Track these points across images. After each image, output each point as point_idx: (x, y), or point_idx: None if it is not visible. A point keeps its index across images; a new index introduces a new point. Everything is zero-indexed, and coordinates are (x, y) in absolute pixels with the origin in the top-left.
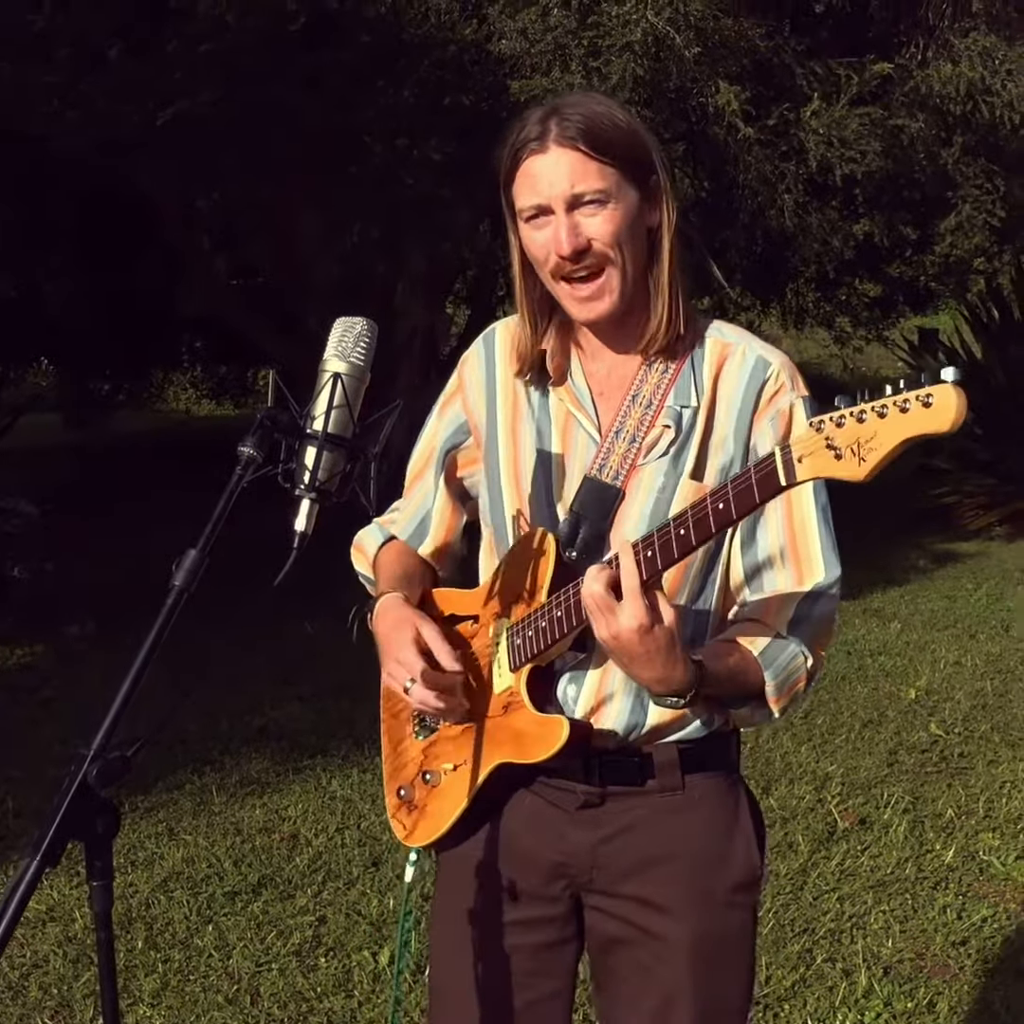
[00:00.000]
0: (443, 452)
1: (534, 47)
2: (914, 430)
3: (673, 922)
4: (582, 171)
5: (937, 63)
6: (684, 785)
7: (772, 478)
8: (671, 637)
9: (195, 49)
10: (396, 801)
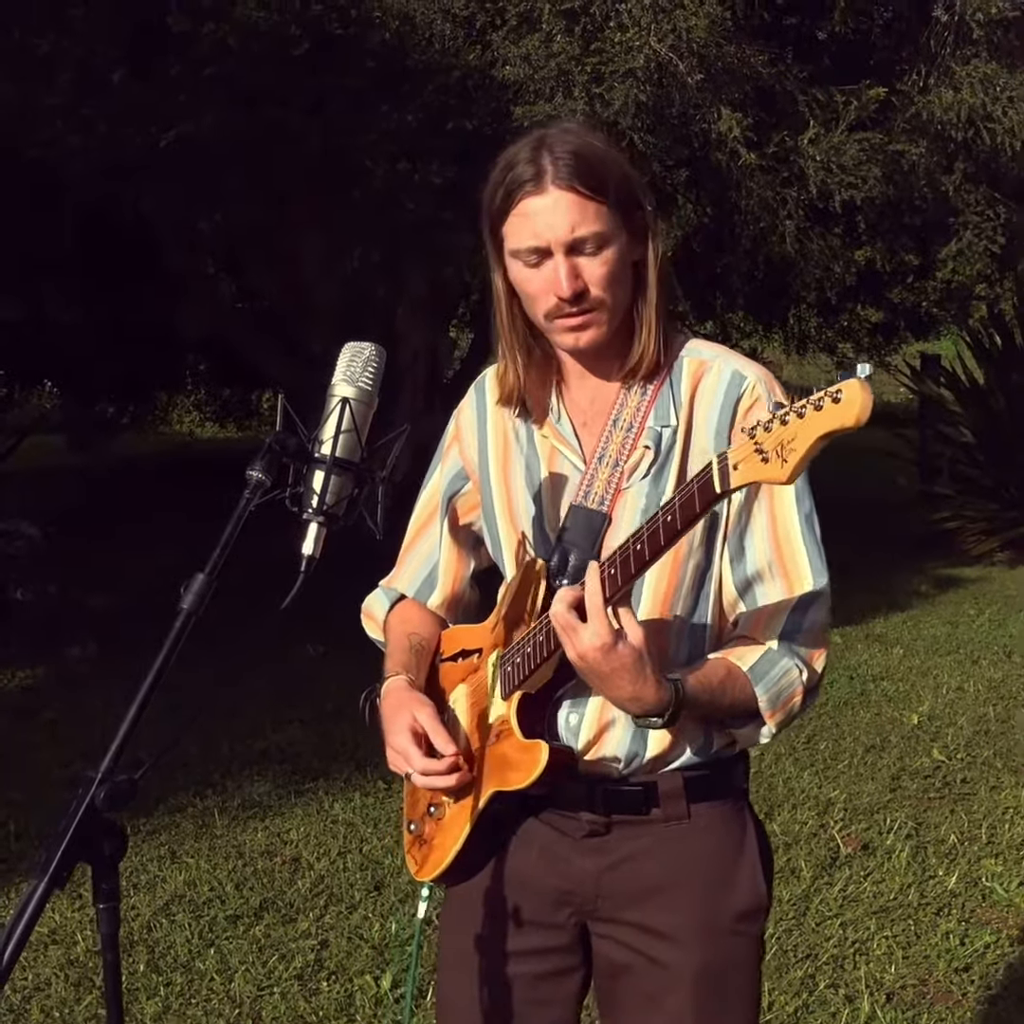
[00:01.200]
0: (446, 500)
1: (537, 73)
2: (825, 427)
3: (678, 950)
4: (581, 214)
5: (938, 90)
6: (689, 814)
7: (709, 486)
8: (638, 655)
9: (198, 73)
10: (410, 837)
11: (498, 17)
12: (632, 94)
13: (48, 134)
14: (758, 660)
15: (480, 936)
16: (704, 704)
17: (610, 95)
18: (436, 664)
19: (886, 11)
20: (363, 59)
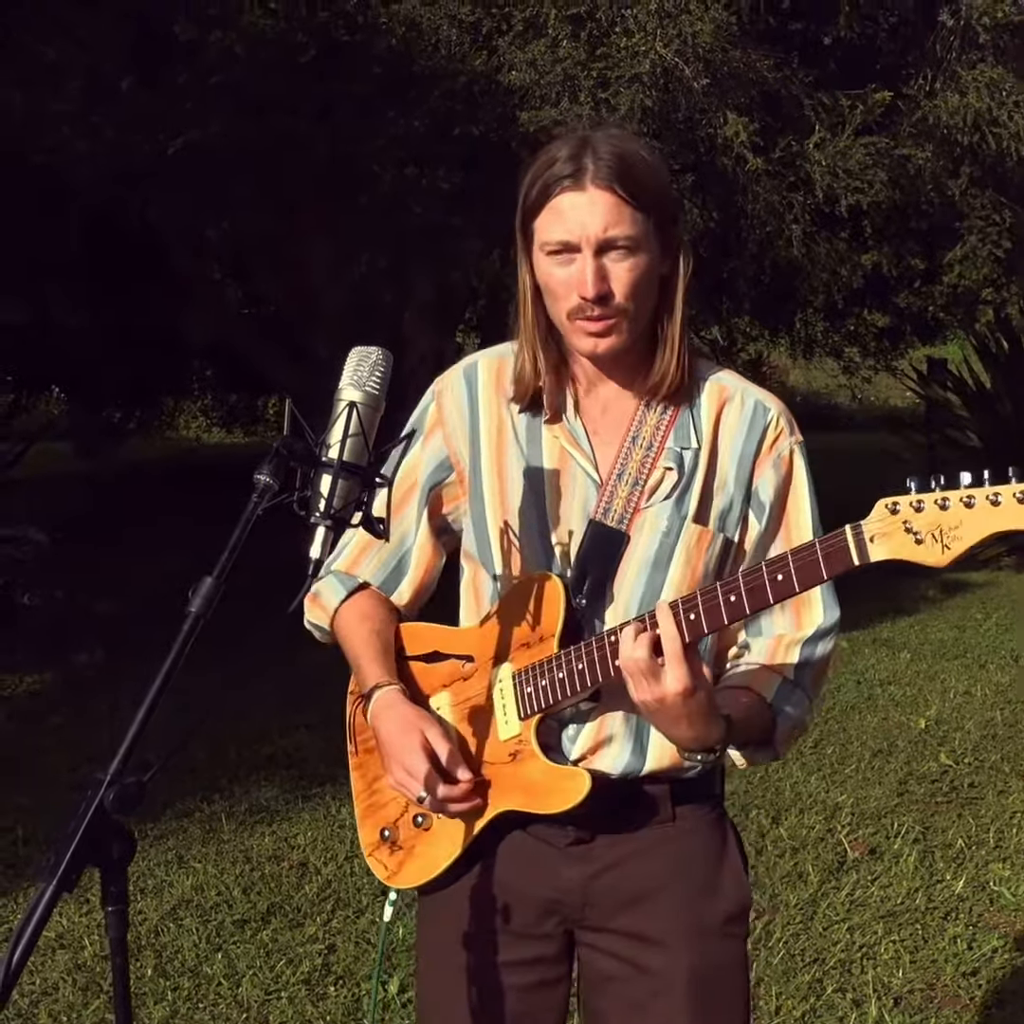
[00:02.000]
0: (427, 488)
1: (543, 78)
2: (1007, 525)
3: (667, 955)
4: (617, 215)
5: (944, 94)
6: (675, 816)
7: (843, 555)
8: (711, 698)
9: (205, 81)
10: (376, 840)
11: (504, 23)
12: (638, 99)
13: (55, 140)
14: (778, 691)
15: (464, 948)
16: (739, 734)
17: (616, 100)
18: (398, 660)
19: (892, 16)
20: (370, 65)
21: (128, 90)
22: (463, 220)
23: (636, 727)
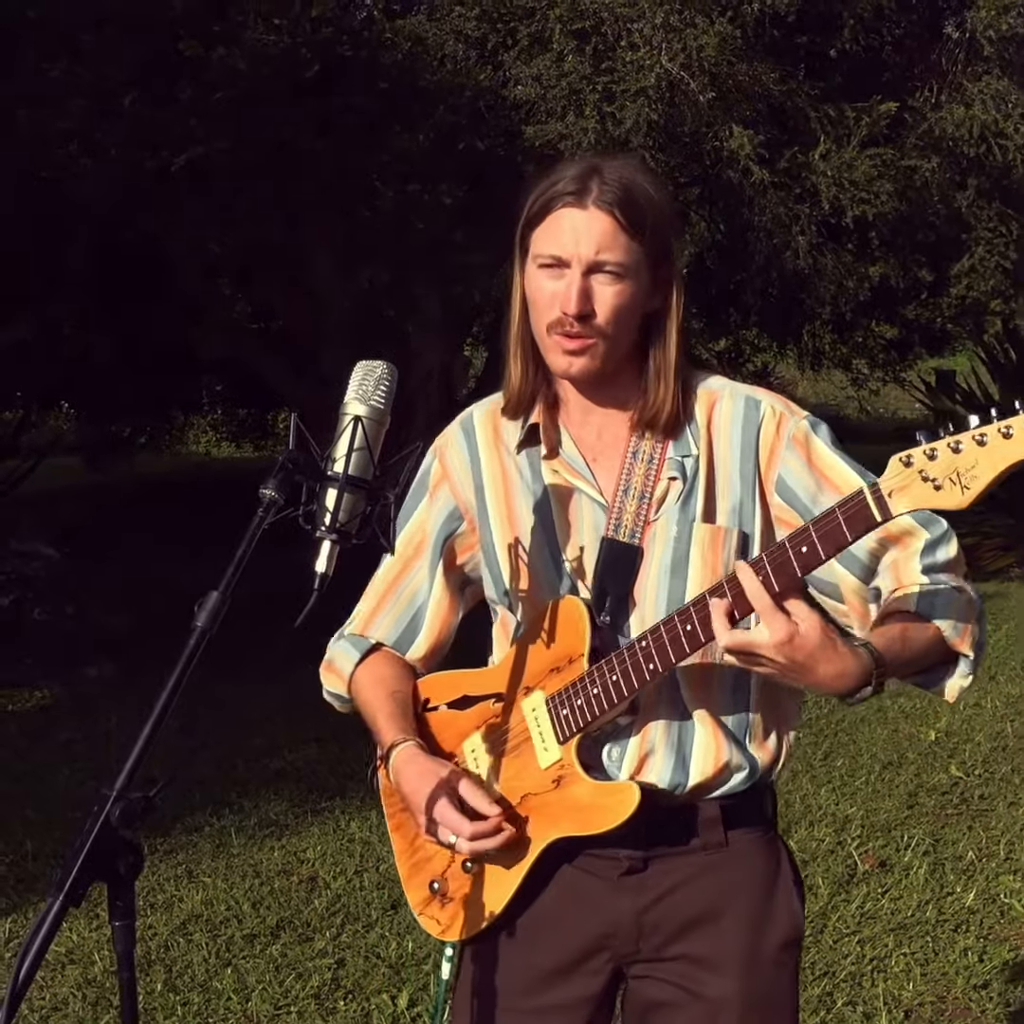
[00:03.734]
0: (440, 541)
1: (549, 92)
2: (1019, 454)
3: (721, 980)
4: (611, 240)
5: (950, 106)
6: (727, 841)
7: (865, 514)
8: (822, 634)
9: (209, 97)
10: (426, 895)
11: (509, 37)
12: (643, 113)
13: (61, 158)
14: (920, 598)
15: (510, 991)
16: (899, 657)
17: (621, 114)
18: (420, 714)
19: (897, 28)
20: (375, 80)
21: (132, 107)
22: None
23: (677, 740)
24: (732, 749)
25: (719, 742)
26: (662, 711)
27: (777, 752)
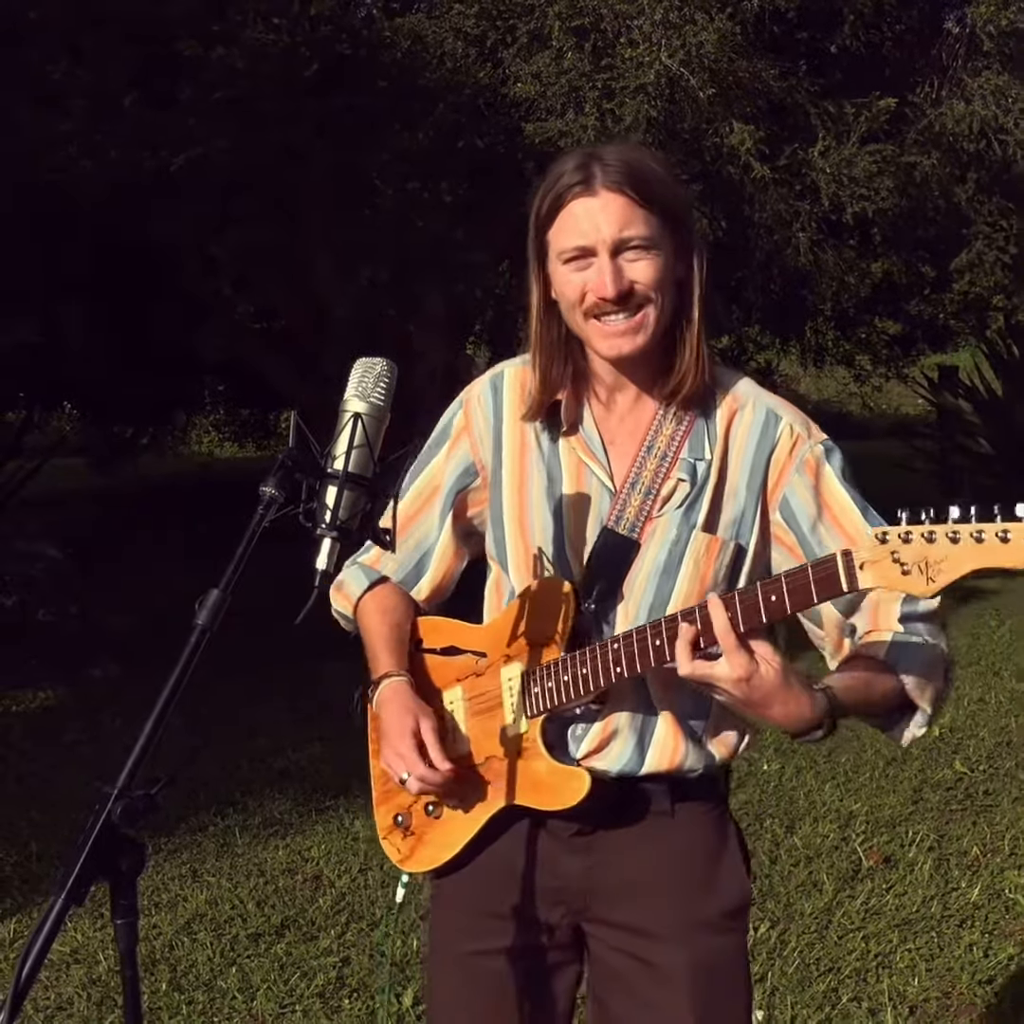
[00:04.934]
0: (452, 493)
1: (548, 90)
2: (988, 562)
3: (667, 949)
4: (630, 216)
5: (950, 102)
6: (673, 812)
7: (833, 582)
8: (782, 677)
9: (209, 97)
10: (390, 824)
11: (509, 35)
12: (643, 109)
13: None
14: (888, 648)
15: (475, 934)
16: (854, 705)
17: (621, 111)
18: (414, 652)
19: (898, 23)
20: (374, 79)
21: (132, 107)
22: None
23: (640, 725)
24: (689, 747)
25: (677, 740)
26: (629, 700)
27: (736, 746)
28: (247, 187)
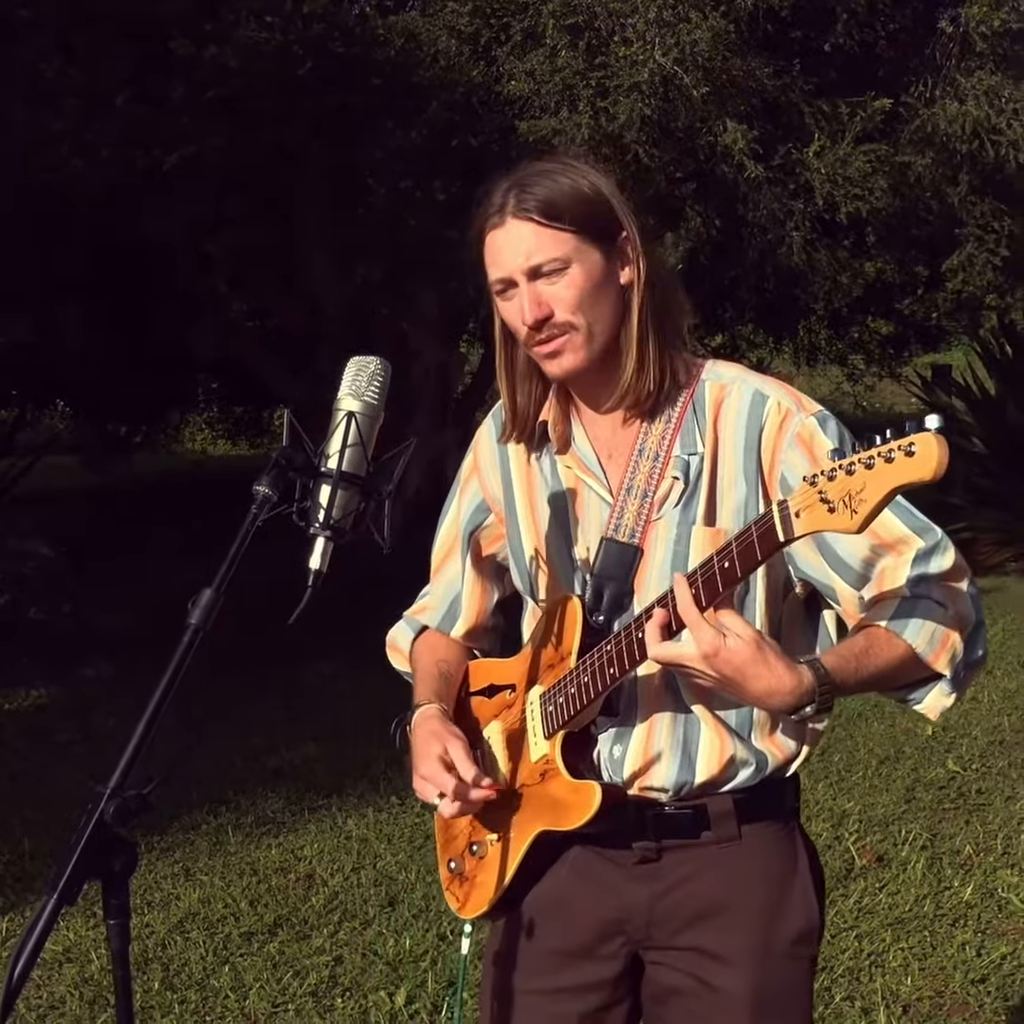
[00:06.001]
0: (467, 533)
1: (542, 88)
2: (899, 480)
3: (731, 973)
4: (537, 242)
5: (943, 102)
6: (741, 835)
7: (771, 534)
8: (754, 647)
9: (201, 95)
10: (448, 874)
11: (502, 33)
12: (637, 108)
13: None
14: (895, 611)
15: (530, 972)
16: (855, 675)
17: (615, 109)
18: (464, 697)
19: (891, 23)
20: (368, 77)
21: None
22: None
23: (683, 740)
24: (736, 744)
25: (723, 739)
26: (667, 710)
27: (792, 745)
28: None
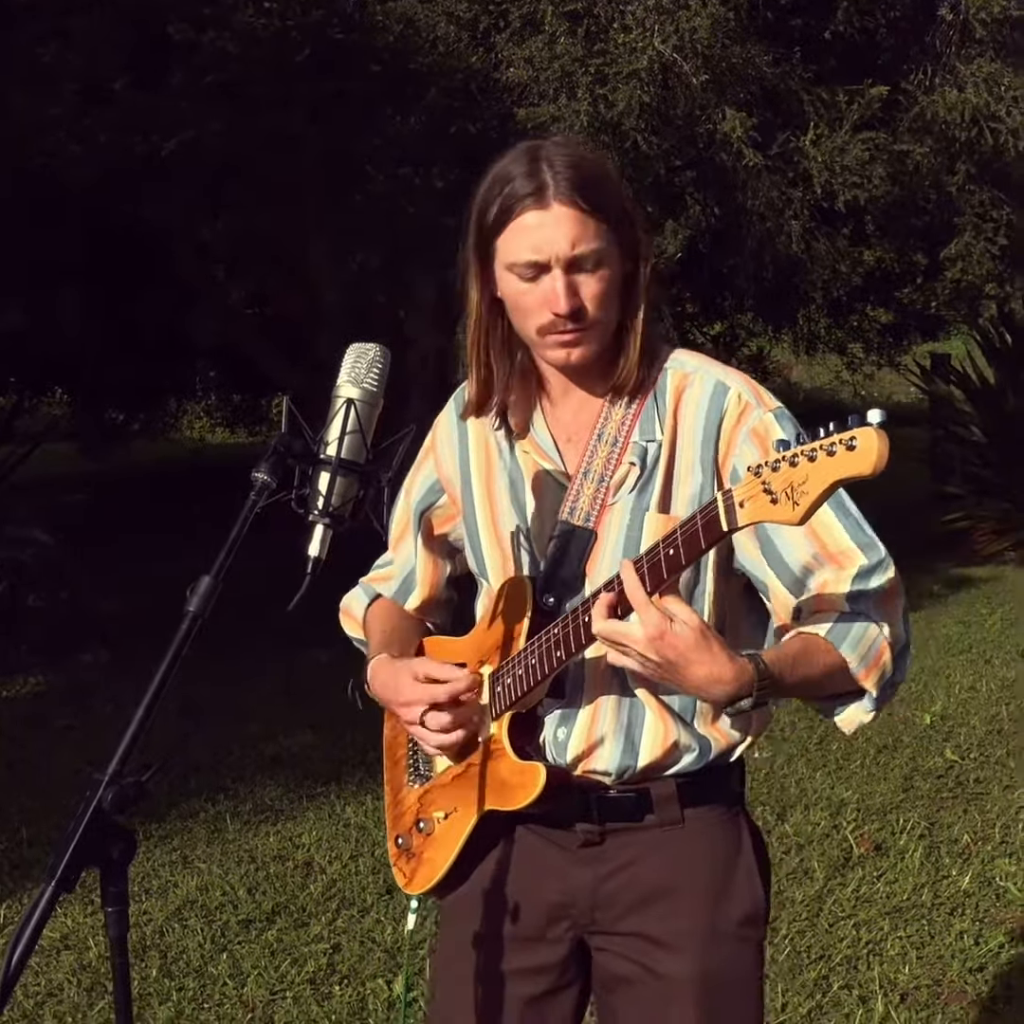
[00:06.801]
0: (418, 513)
1: (541, 75)
2: (839, 473)
3: (677, 959)
4: (583, 231)
5: (943, 89)
6: (684, 819)
7: (715, 523)
8: (699, 633)
9: (200, 81)
10: (396, 850)
11: (501, 19)
12: (636, 95)
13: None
14: (833, 624)
15: (476, 955)
16: (790, 676)
17: (614, 96)
18: None
19: (891, 10)
20: (366, 63)
21: (122, 91)
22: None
23: (627, 724)
24: (680, 730)
25: (667, 724)
26: (612, 694)
27: (735, 732)
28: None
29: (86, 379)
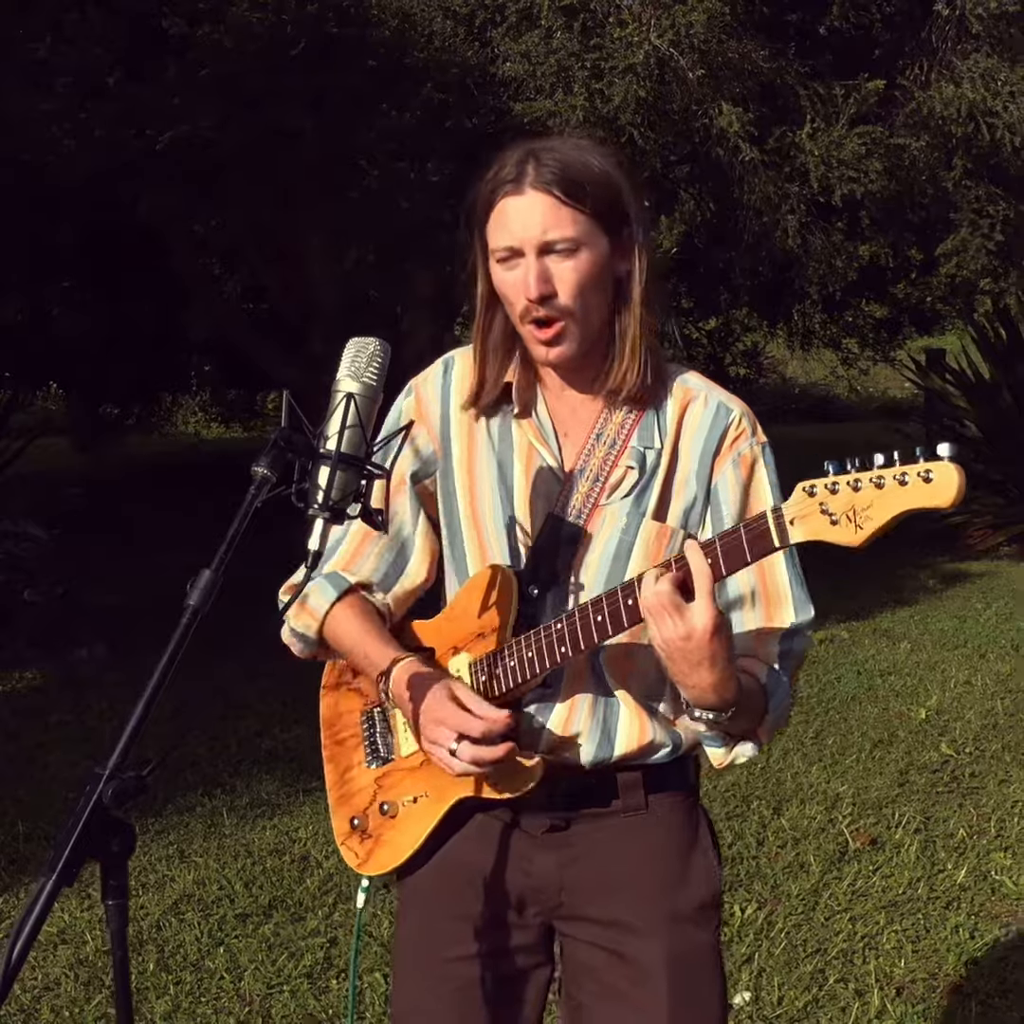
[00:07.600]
0: (413, 482)
1: (537, 69)
2: (913, 503)
3: (643, 943)
4: (555, 217)
5: (939, 84)
6: (648, 804)
7: (765, 539)
8: (731, 644)
9: (195, 75)
10: (348, 829)
11: (498, 14)
12: (632, 90)
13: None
14: (767, 677)
15: (442, 939)
16: (745, 707)
17: (610, 91)
18: None
19: (887, 5)
20: (362, 57)
21: (117, 86)
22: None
23: (603, 720)
24: (656, 728)
25: (643, 720)
26: (589, 688)
27: (699, 727)
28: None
29: (81, 373)
